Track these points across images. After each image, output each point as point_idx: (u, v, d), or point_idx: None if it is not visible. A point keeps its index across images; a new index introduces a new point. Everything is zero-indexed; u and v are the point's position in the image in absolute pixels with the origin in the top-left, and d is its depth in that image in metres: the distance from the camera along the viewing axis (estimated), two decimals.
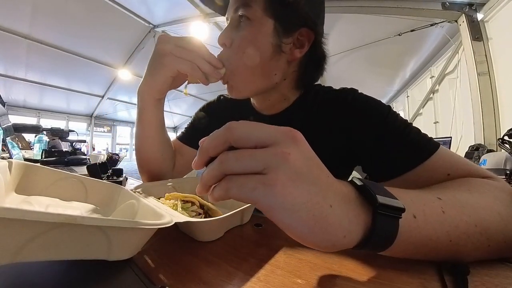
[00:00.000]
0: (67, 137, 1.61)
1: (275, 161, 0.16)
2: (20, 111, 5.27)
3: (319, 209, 0.16)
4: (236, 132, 0.17)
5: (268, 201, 0.16)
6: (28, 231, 0.16)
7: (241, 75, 0.40)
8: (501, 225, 0.23)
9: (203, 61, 0.36)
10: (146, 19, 3.69)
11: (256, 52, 0.37)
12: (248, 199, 0.17)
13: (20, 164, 0.32)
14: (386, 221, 0.18)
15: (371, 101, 0.40)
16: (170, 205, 0.36)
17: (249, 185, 0.16)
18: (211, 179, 0.18)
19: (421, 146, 0.33)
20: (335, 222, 0.17)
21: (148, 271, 0.21)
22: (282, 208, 0.16)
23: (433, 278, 0.20)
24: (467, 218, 0.22)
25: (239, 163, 0.17)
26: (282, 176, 0.16)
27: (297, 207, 0.16)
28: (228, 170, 0.17)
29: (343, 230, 0.17)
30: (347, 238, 0.17)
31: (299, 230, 0.17)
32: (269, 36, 0.38)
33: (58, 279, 0.19)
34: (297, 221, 0.16)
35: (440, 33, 2.49)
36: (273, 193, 0.16)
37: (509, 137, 1.17)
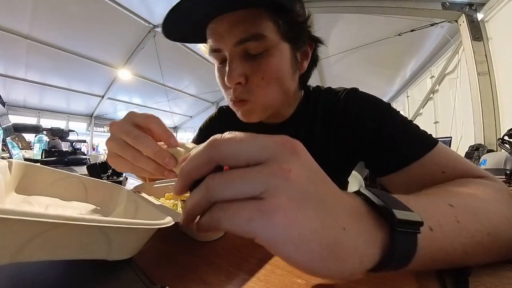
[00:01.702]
0: (67, 137, 1.61)
1: (273, 182, 0.13)
2: (20, 111, 5.26)
3: (332, 235, 0.14)
4: (222, 149, 0.14)
5: (269, 235, 0.13)
6: (28, 231, 0.16)
7: (264, 105, 0.38)
8: (509, 229, 0.22)
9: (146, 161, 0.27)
10: (146, 19, 3.69)
11: (283, 78, 0.37)
12: (244, 233, 0.13)
13: (20, 164, 0.32)
14: (405, 239, 0.15)
15: (373, 99, 0.42)
16: (170, 205, 0.36)
17: (243, 215, 0.13)
18: (197, 209, 0.15)
19: (420, 141, 0.34)
20: (351, 248, 0.14)
21: (148, 271, 0.21)
22: (287, 243, 0.13)
23: (433, 278, 0.20)
24: (481, 227, 0.21)
25: (229, 187, 0.14)
26: (284, 200, 0.13)
27: (306, 238, 0.13)
28: (217, 197, 0.14)
29: (360, 256, 0.14)
30: (364, 264, 0.15)
31: (311, 266, 0.13)
32: (289, 59, 0.37)
33: (58, 279, 0.19)
34: (308, 256, 0.13)
35: (440, 33, 2.49)
36: (274, 224, 0.13)
37: (509, 137, 1.17)
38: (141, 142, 0.25)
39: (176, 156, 0.26)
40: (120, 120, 0.27)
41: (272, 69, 0.36)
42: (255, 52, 0.34)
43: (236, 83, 0.35)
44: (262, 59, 0.35)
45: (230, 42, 0.34)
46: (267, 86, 0.36)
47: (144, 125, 0.27)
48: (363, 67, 3.73)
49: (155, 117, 0.27)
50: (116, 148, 0.27)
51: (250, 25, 0.33)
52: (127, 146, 0.26)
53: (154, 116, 0.27)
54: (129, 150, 0.26)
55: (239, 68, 0.35)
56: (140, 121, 0.27)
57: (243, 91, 0.36)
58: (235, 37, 0.33)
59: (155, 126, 0.27)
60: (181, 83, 5.78)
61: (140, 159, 0.26)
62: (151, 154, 0.25)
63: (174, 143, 0.27)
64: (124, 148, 0.26)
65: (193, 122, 8.28)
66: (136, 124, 0.27)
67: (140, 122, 0.27)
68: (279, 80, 0.37)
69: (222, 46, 0.35)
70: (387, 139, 0.37)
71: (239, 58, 0.35)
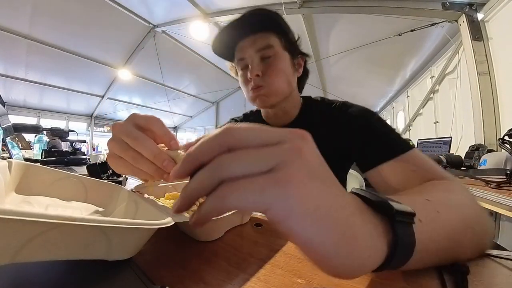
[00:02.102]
0: (67, 137, 1.61)
1: (286, 157, 0.13)
2: (20, 111, 5.26)
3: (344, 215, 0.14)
4: (236, 133, 0.14)
5: (283, 205, 0.12)
6: (28, 231, 0.16)
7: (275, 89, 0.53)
8: (479, 219, 0.25)
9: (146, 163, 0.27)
10: (146, 19, 3.69)
11: (285, 73, 0.53)
12: (255, 206, 0.13)
13: (20, 164, 0.32)
14: (404, 230, 0.16)
15: (362, 108, 0.53)
16: (170, 205, 0.36)
17: (255, 187, 0.13)
18: (201, 189, 0.14)
19: (398, 144, 0.43)
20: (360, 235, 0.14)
21: (148, 271, 0.21)
22: (303, 213, 0.12)
23: (433, 277, 0.20)
24: (455, 216, 0.23)
25: (240, 163, 0.13)
26: (298, 172, 0.13)
27: (321, 212, 0.13)
28: (226, 173, 0.13)
29: (368, 247, 0.14)
30: (372, 258, 0.15)
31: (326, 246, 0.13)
32: (289, 62, 0.55)
33: (58, 279, 0.19)
34: (323, 232, 0.13)
35: (440, 33, 2.49)
36: (289, 194, 0.12)
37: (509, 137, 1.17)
38: (141, 143, 0.26)
39: (176, 159, 0.26)
40: (123, 121, 0.27)
41: (278, 67, 0.52)
42: (267, 56, 0.52)
43: (255, 75, 0.51)
44: (272, 62, 0.52)
45: (252, 51, 0.52)
46: (275, 77, 0.52)
47: (146, 127, 0.27)
48: (363, 67, 3.72)
49: (156, 119, 0.27)
50: (117, 149, 0.27)
51: (264, 41, 0.52)
52: (127, 147, 0.26)
53: (155, 118, 0.27)
54: (130, 152, 0.26)
55: (258, 66, 0.51)
56: (141, 122, 0.27)
57: (260, 80, 0.52)
58: (255, 47, 0.52)
59: (156, 128, 0.27)
60: (181, 83, 5.78)
61: (140, 160, 0.26)
62: (150, 156, 0.25)
63: (174, 145, 0.27)
64: (124, 149, 0.26)
65: (193, 122, 8.28)
66: (137, 125, 0.27)
67: (141, 124, 0.27)
68: (283, 75, 0.53)
69: (246, 55, 0.53)
70: (371, 141, 0.46)
71: (258, 61, 0.52)
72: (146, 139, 0.26)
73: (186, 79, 5.59)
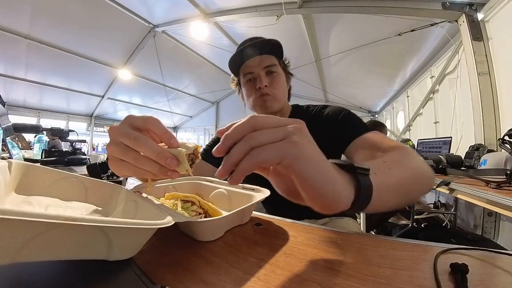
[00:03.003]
0: (67, 137, 1.61)
1: (294, 130, 0.22)
2: (20, 111, 5.26)
3: (326, 165, 0.22)
4: (258, 119, 0.22)
5: (295, 153, 0.21)
6: (28, 231, 0.16)
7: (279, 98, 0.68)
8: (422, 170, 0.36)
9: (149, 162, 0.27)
10: (146, 19, 3.69)
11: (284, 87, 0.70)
12: (277, 156, 0.20)
13: (20, 164, 0.32)
14: (364, 178, 0.25)
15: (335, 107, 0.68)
16: (170, 205, 0.36)
17: (277, 146, 0.21)
18: (239, 155, 0.21)
19: (363, 129, 0.57)
20: (336, 177, 0.23)
21: (148, 271, 0.21)
22: (306, 157, 0.21)
23: (432, 277, 0.20)
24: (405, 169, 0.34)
25: (264, 135, 0.21)
26: (301, 139, 0.22)
27: (314, 159, 0.22)
28: (256, 142, 0.21)
29: (342, 185, 0.23)
30: (346, 192, 0.23)
31: (317, 179, 0.21)
32: (284, 78, 0.71)
33: (58, 279, 0.19)
34: (315, 171, 0.21)
35: (440, 33, 2.49)
36: (298, 147, 0.21)
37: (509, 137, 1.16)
38: (142, 144, 0.26)
39: (178, 156, 0.26)
40: (119, 124, 0.27)
41: (280, 81, 0.68)
42: (271, 72, 0.67)
43: (265, 85, 0.65)
44: (275, 77, 0.67)
45: (260, 67, 0.66)
46: (279, 88, 0.68)
47: (144, 127, 0.27)
48: (363, 67, 3.72)
49: (154, 119, 0.27)
50: (117, 151, 0.27)
51: (270, 60, 0.67)
52: (128, 149, 0.26)
53: (153, 118, 0.27)
54: (131, 153, 0.26)
55: (266, 79, 0.66)
56: (139, 123, 0.27)
57: (268, 90, 0.66)
58: (263, 64, 0.66)
59: (155, 128, 0.27)
60: (181, 83, 5.78)
61: (143, 161, 0.26)
62: (153, 155, 0.26)
63: (174, 143, 0.27)
64: (125, 151, 0.26)
65: (193, 122, 8.27)
66: (135, 126, 0.27)
67: (139, 125, 0.27)
68: (283, 87, 0.70)
69: (255, 70, 0.67)
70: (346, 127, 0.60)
71: (264, 75, 0.66)
72: (147, 139, 0.26)
73: (186, 79, 5.59)
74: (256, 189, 0.41)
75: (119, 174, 0.30)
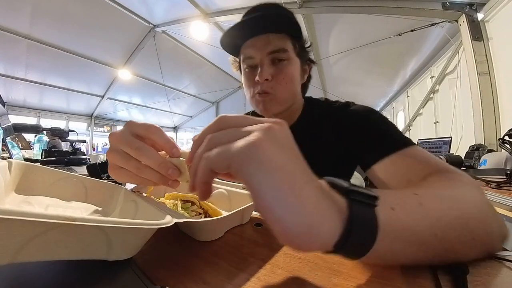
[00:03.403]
0: (67, 137, 1.61)
1: (258, 128, 0.17)
2: (20, 111, 5.26)
3: (295, 177, 0.15)
4: (225, 118, 0.19)
5: (244, 155, 0.15)
6: (28, 231, 0.16)
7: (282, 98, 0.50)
8: (480, 216, 0.23)
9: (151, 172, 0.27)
10: (146, 19, 3.69)
11: (295, 80, 0.51)
12: (224, 159, 0.16)
13: (20, 164, 0.32)
14: (362, 209, 0.17)
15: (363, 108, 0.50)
16: (170, 205, 0.36)
17: (227, 146, 0.16)
18: (198, 160, 0.18)
19: (399, 140, 0.40)
20: (312, 198, 0.15)
21: (148, 271, 0.21)
22: (257, 163, 0.15)
23: (432, 277, 0.20)
24: (447, 211, 0.21)
25: (224, 134, 0.18)
26: (262, 137, 0.16)
27: (273, 165, 0.15)
28: (213, 143, 0.18)
29: (320, 214, 0.15)
30: (325, 226, 0.15)
31: (270, 195, 0.15)
32: (298, 69, 0.52)
33: (58, 279, 0.19)
34: (271, 182, 0.15)
35: (440, 33, 2.49)
36: (251, 147, 0.15)
37: (509, 137, 1.17)
38: (143, 153, 0.25)
39: (180, 167, 0.26)
40: (120, 131, 0.27)
41: (290, 74, 0.49)
42: (279, 60, 0.48)
43: (265, 79, 0.47)
44: (284, 66, 0.48)
45: (265, 52, 0.47)
46: (285, 84, 0.49)
47: (145, 136, 0.26)
48: (363, 67, 3.72)
49: (156, 127, 0.27)
50: (118, 160, 0.26)
51: (279, 42, 0.48)
52: (129, 157, 0.26)
53: (155, 126, 0.27)
54: (132, 162, 0.26)
55: (269, 70, 0.48)
56: (140, 131, 0.26)
57: (268, 86, 0.48)
58: (268, 49, 0.47)
59: (156, 137, 0.26)
60: (181, 83, 5.78)
61: (144, 170, 0.26)
62: (154, 165, 0.25)
63: (176, 153, 0.27)
64: (126, 159, 0.26)
65: (193, 122, 8.27)
66: (136, 134, 0.26)
67: (140, 133, 0.26)
68: (293, 82, 0.50)
69: (257, 54, 0.48)
70: (373, 138, 0.44)
71: (268, 64, 0.48)
72: (148, 148, 0.26)
73: (186, 79, 5.59)
74: None
75: (119, 180, 0.30)
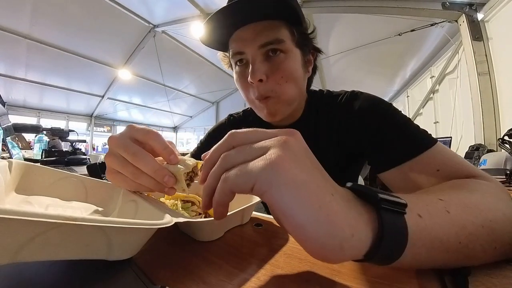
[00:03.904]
0: (67, 137, 1.61)
1: (274, 144, 0.17)
2: (20, 111, 5.26)
3: (322, 193, 0.15)
4: (237, 135, 0.18)
5: (267, 176, 0.15)
6: (28, 231, 0.16)
7: (286, 100, 0.43)
8: (506, 225, 0.22)
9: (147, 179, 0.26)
10: (146, 19, 3.69)
11: (298, 75, 0.43)
12: (246, 181, 0.16)
13: (20, 164, 0.32)
14: (393, 217, 0.16)
15: (373, 99, 0.44)
16: (170, 205, 0.36)
17: (248, 166, 0.16)
18: (214, 181, 0.18)
19: (419, 140, 0.36)
20: (340, 212, 0.15)
21: (148, 271, 0.21)
22: (283, 184, 0.15)
23: (433, 277, 0.20)
24: (473, 219, 0.21)
25: (239, 153, 0.17)
26: (282, 154, 0.16)
27: (298, 184, 0.15)
28: (228, 162, 0.17)
29: (350, 226, 0.15)
30: (355, 237, 0.15)
31: (301, 215, 0.15)
32: (300, 62, 0.43)
33: (58, 279, 0.19)
34: (299, 202, 0.15)
35: (440, 33, 2.49)
36: (273, 168, 0.15)
37: (509, 137, 1.17)
38: (140, 159, 0.25)
39: (176, 175, 0.26)
40: (119, 135, 0.26)
41: (289, 69, 0.41)
42: (275, 54, 0.40)
43: (258, 80, 0.40)
44: (280, 61, 0.40)
45: (255, 45, 0.40)
46: (286, 83, 0.41)
47: (144, 141, 0.26)
48: (363, 67, 3.73)
49: (155, 133, 0.26)
50: (115, 164, 0.26)
51: (272, 32, 0.39)
52: (126, 162, 0.25)
53: (154, 132, 0.26)
54: (129, 167, 0.25)
55: (262, 67, 0.40)
56: (139, 136, 0.26)
57: (266, 88, 0.41)
58: (259, 41, 0.39)
59: (155, 143, 0.26)
60: (181, 83, 5.78)
61: (140, 176, 0.25)
62: (150, 172, 0.25)
63: (174, 160, 0.26)
64: (123, 164, 0.26)
65: (193, 122, 8.28)
66: (135, 139, 0.26)
67: (139, 137, 0.26)
68: (295, 79, 0.42)
69: (247, 49, 0.41)
70: (387, 137, 0.39)
71: (261, 60, 0.40)
72: (145, 154, 0.25)
73: (186, 79, 5.60)
74: None
75: (117, 185, 0.30)
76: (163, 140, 0.27)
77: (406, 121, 0.39)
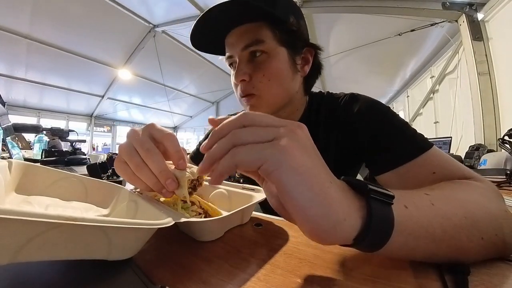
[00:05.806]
0: (67, 137, 1.61)
1: (284, 132, 0.19)
2: (20, 111, 5.27)
3: (322, 179, 0.18)
4: (250, 116, 0.20)
5: (276, 159, 0.17)
6: (28, 231, 0.16)
7: (269, 99, 0.44)
8: (489, 217, 0.24)
9: None
10: (146, 19, 3.69)
11: (282, 75, 0.43)
12: (256, 159, 0.17)
13: (20, 164, 0.32)
14: (380, 206, 0.18)
15: (371, 102, 0.45)
16: (170, 205, 0.36)
17: (257, 147, 0.18)
18: (220, 151, 0.19)
19: (415, 144, 0.37)
20: (336, 198, 0.18)
21: (148, 271, 0.21)
22: (290, 167, 0.17)
23: (432, 277, 0.20)
24: (456, 210, 0.22)
25: (250, 133, 0.19)
26: (291, 143, 0.18)
27: (303, 169, 0.17)
28: (239, 139, 0.18)
29: (343, 211, 0.18)
30: (347, 222, 0.17)
31: (303, 196, 0.17)
32: (286, 61, 0.43)
33: (58, 279, 0.19)
34: (303, 184, 0.17)
35: (440, 33, 2.49)
36: (282, 153, 0.17)
37: (509, 137, 1.17)
38: (150, 155, 0.26)
39: (180, 180, 0.26)
40: (140, 129, 0.28)
41: (271, 68, 0.42)
42: (258, 54, 0.42)
43: (241, 80, 0.42)
44: (263, 60, 0.42)
45: (238, 48, 0.42)
46: (268, 82, 0.42)
47: (160, 140, 0.27)
48: (363, 67, 3.73)
49: (171, 135, 0.27)
50: (125, 154, 0.27)
51: (252, 34, 0.41)
52: (135, 153, 0.26)
53: (171, 134, 0.27)
54: (134, 158, 0.26)
55: (244, 68, 0.42)
56: (156, 134, 0.27)
57: (249, 86, 0.43)
58: (241, 44, 0.42)
59: (169, 144, 0.27)
60: (181, 83, 5.78)
61: (142, 170, 0.26)
62: (156, 170, 0.26)
63: (182, 165, 0.27)
64: (132, 155, 0.26)
65: (193, 122, 8.28)
66: (152, 137, 0.27)
67: (157, 136, 0.27)
68: (278, 78, 0.43)
69: (233, 52, 0.43)
70: (384, 139, 0.40)
71: (245, 61, 0.43)
72: (157, 153, 0.26)
73: (186, 79, 5.60)
74: (256, 189, 0.41)
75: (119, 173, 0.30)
76: (178, 144, 0.27)
77: (404, 124, 0.40)
